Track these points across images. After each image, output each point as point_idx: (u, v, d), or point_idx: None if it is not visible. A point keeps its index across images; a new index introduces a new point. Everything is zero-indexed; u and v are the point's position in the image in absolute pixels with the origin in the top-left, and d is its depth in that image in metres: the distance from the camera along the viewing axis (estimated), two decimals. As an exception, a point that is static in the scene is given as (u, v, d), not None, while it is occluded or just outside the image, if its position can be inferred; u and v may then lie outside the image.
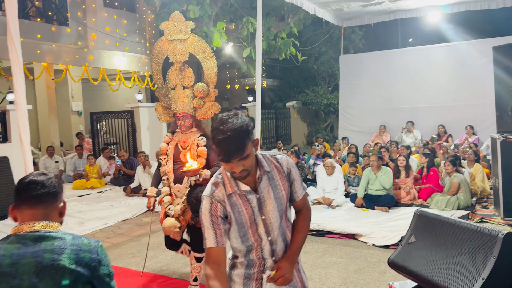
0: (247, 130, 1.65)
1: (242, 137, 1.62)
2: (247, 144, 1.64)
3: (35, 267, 1.40)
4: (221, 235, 1.74)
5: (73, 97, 13.76)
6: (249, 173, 1.72)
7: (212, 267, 1.72)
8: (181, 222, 3.58)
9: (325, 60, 16.04)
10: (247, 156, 1.65)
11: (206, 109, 3.73)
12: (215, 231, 1.73)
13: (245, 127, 1.64)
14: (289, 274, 1.80)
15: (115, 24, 11.45)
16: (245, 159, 1.66)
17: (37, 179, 1.53)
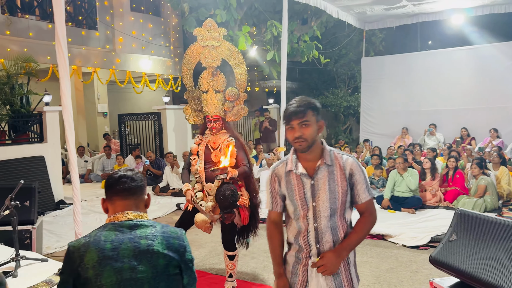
0: (315, 106, 1.94)
1: (307, 106, 1.91)
2: (309, 113, 1.90)
3: (133, 251, 1.59)
4: (276, 202, 2.08)
5: (98, 99, 14.14)
6: (309, 148, 1.91)
7: (270, 226, 2.16)
8: (211, 218, 3.73)
9: (345, 63, 16.09)
10: (307, 124, 1.89)
11: (236, 112, 3.94)
12: (272, 197, 2.08)
13: (314, 103, 1.94)
14: (331, 266, 1.91)
15: (141, 28, 11.75)
16: (305, 127, 1.89)
17: (127, 174, 1.73)
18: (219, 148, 3.75)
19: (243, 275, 4.34)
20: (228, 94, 3.88)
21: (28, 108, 7.25)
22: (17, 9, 8.88)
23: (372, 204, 2.02)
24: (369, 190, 1.99)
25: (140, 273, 1.57)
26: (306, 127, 1.89)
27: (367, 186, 1.97)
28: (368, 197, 1.97)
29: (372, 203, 2.03)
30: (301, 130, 1.89)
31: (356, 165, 1.98)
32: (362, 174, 1.98)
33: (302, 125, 1.89)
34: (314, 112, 1.92)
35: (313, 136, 1.91)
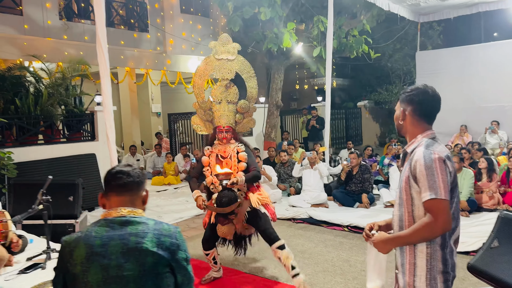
0: (409, 97, 1.99)
1: (404, 97, 2.02)
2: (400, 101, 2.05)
3: (121, 248, 1.55)
4: None
5: (152, 99, 14.65)
6: (400, 129, 2.05)
7: None
8: (235, 225, 3.78)
9: (399, 58, 15.40)
10: (398, 110, 2.04)
11: (245, 123, 4.09)
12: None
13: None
14: (377, 245, 1.96)
15: (191, 29, 12.01)
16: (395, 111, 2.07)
17: (124, 169, 1.70)
18: (229, 156, 3.82)
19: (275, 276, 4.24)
20: (240, 106, 4.02)
21: (80, 108, 7.63)
22: (73, 14, 9.40)
23: (435, 207, 1.76)
24: (430, 191, 1.76)
25: (127, 271, 1.53)
26: (396, 112, 2.08)
27: (427, 187, 1.77)
28: (427, 198, 1.77)
29: (434, 204, 1.76)
30: (396, 111, 2.09)
31: (422, 162, 1.82)
32: (425, 174, 1.79)
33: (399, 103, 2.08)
34: (406, 102, 2.01)
35: (400, 119, 2.04)
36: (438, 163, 1.78)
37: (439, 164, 1.78)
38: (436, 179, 1.76)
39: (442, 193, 1.75)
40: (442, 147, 1.88)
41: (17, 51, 8.48)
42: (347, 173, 6.96)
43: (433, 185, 1.76)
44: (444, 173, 1.77)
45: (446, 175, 1.78)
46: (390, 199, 6.62)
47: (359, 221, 5.76)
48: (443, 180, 1.76)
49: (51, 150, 7.03)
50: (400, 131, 2.06)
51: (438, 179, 1.76)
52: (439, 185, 1.75)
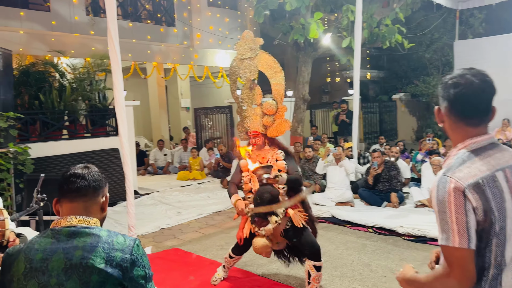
0: (444, 89, 1.48)
1: (439, 89, 1.52)
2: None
3: (64, 264, 1.36)
4: None
5: (182, 94, 14.66)
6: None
7: None
8: (271, 241, 3.47)
9: (438, 48, 14.60)
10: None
11: (277, 126, 3.62)
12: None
13: None
14: (401, 283, 1.56)
15: (218, 23, 11.85)
16: None
17: (79, 172, 1.50)
18: (268, 163, 3.51)
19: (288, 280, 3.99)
20: (265, 108, 3.61)
21: (104, 103, 7.64)
22: (100, 9, 9.45)
23: (448, 255, 1.34)
24: (443, 232, 1.34)
25: None
26: None
27: (441, 226, 1.35)
28: (439, 241, 1.36)
29: (447, 253, 1.33)
30: None
31: (434, 190, 1.38)
32: (436, 206, 1.37)
33: None
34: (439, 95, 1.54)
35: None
36: (453, 197, 1.31)
37: (455, 198, 1.31)
38: (447, 220, 1.32)
39: (455, 239, 1.30)
40: (474, 169, 1.35)
41: (46, 47, 8.61)
42: (374, 174, 6.55)
43: (445, 227, 1.33)
44: (461, 211, 1.29)
45: (465, 214, 1.29)
46: (421, 198, 6.20)
47: (385, 221, 5.40)
48: (457, 222, 1.30)
49: (74, 145, 7.08)
50: (447, 135, 1.55)
51: (451, 220, 1.31)
52: (452, 228, 1.31)
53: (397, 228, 5.17)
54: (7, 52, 5.42)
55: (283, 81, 3.68)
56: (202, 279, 4.07)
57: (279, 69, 3.67)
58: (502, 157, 1.41)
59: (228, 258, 3.89)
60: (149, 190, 8.36)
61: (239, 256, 3.88)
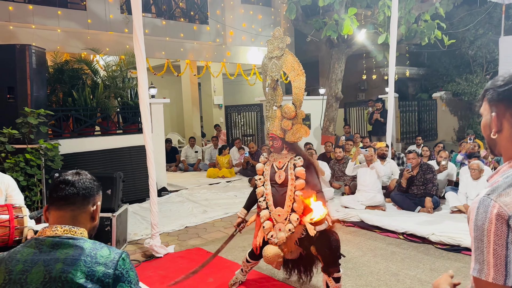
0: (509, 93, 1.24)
1: (497, 94, 1.27)
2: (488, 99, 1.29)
3: (43, 277, 1.28)
4: None
5: (214, 91, 14.71)
6: (494, 146, 1.31)
7: None
8: (283, 251, 3.35)
9: (482, 44, 13.81)
10: (487, 115, 1.30)
11: (295, 131, 3.46)
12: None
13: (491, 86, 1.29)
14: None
15: (251, 20, 11.76)
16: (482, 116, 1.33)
17: (68, 178, 1.43)
18: (284, 167, 3.38)
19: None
20: (283, 111, 3.47)
21: (136, 100, 7.73)
22: (134, 8, 9.56)
23: (479, 287, 1.16)
24: (477, 262, 1.15)
25: None
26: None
27: (476, 256, 1.16)
28: (471, 271, 1.18)
29: (480, 286, 1.16)
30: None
31: (473, 213, 1.18)
32: (473, 232, 1.18)
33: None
34: (488, 98, 1.27)
35: (484, 133, 1.31)
36: (494, 225, 1.11)
37: (496, 227, 1.11)
38: (484, 250, 1.13)
39: (490, 273, 1.11)
40: None
41: (82, 44, 8.83)
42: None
43: (480, 257, 1.14)
44: (501, 243, 1.10)
45: (505, 247, 1.10)
46: (458, 204, 5.85)
47: (417, 228, 5.11)
48: (495, 254, 1.10)
49: (106, 142, 7.20)
50: (493, 148, 1.31)
51: (488, 251, 1.12)
52: (488, 260, 1.12)
53: (429, 235, 4.88)
54: (40, 50, 5.56)
55: (303, 84, 3.51)
56: (221, 281, 4.00)
57: (301, 71, 3.50)
58: None
59: (246, 262, 3.79)
60: (178, 187, 8.41)
61: (256, 261, 3.77)
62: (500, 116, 1.23)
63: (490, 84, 1.27)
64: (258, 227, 3.54)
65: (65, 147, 6.29)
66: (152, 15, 10.11)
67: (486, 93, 1.27)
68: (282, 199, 3.35)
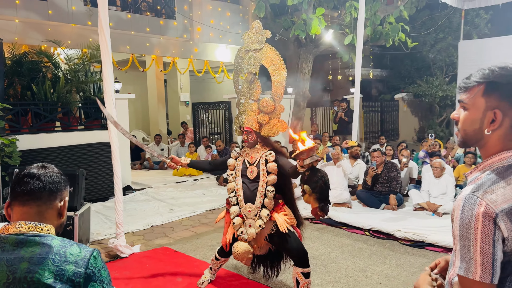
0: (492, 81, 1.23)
1: (480, 77, 1.27)
2: (473, 91, 1.27)
3: (6, 278, 1.18)
4: None
5: (181, 88, 14.49)
6: (475, 140, 1.29)
7: None
8: (253, 247, 3.31)
9: (442, 48, 14.38)
10: (464, 106, 1.29)
11: (272, 126, 3.41)
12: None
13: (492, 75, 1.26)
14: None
15: (219, 17, 11.65)
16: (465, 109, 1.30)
17: (34, 171, 1.33)
18: (256, 163, 3.31)
19: (279, 285, 3.83)
20: (261, 105, 3.41)
21: (99, 95, 7.46)
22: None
23: (465, 286, 1.16)
24: (464, 261, 1.15)
25: None
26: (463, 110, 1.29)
27: (461, 254, 1.15)
28: (457, 270, 1.17)
29: (465, 285, 1.15)
30: (458, 111, 1.32)
31: (458, 211, 1.18)
32: (458, 230, 1.17)
33: (460, 106, 1.30)
34: (486, 91, 1.23)
35: (467, 126, 1.27)
36: (481, 223, 1.11)
37: (483, 225, 1.10)
38: (470, 248, 1.12)
39: (477, 272, 1.11)
40: (510, 191, 1.14)
41: (42, 36, 8.44)
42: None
43: (466, 255, 1.14)
44: (488, 240, 1.10)
45: (492, 245, 1.10)
46: (420, 201, 6.03)
47: (383, 225, 5.22)
48: (482, 252, 1.10)
49: (67, 138, 6.91)
50: (471, 141, 1.28)
51: (475, 249, 1.11)
52: (475, 258, 1.12)
53: (394, 232, 5.00)
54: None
55: (284, 79, 3.45)
56: (189, 281, 3.92)
57: (282, 66, 3.44)
58: None
59: (215, 260, 3.73)
60: (143, 185, 8.21)
61: (225, 259, 3.72)
62: (497, 111, 1.20)
63: (495, 77, 1.22)
64: (228, 224, 3.49)
65: (24, 143, 5.99)
66: (117, 8, 9.80)
67: (483, 87, 1.23)
68: (252, 195, 3.31)
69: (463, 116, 1.28)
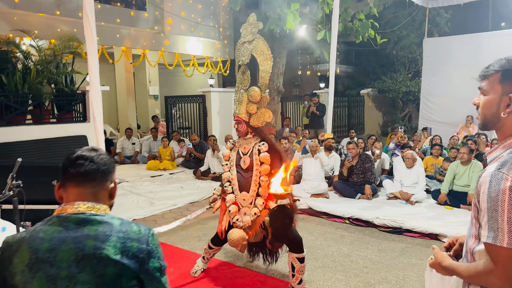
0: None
1: (496, 66, 1.44)
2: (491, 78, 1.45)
3: (75, 255, 1.23)
4: None
5: (150, 81, 14.26)
6: (493, 123, 1.45)
7: None
8: (248, 234, 3.39)
9: (405, 45, 14.95)
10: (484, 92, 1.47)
11: (259, 115, 3.49)
12: None
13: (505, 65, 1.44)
14: (434, 266, 1.56)
15: (191, 9, 11.55)
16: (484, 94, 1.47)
17: (86, 154, 1.36)
18: (249, 153, 3.41)
19: (270, 271, 3.95)
20: (249, 95, 3.50)
21: (72, 87, 7.26)
22: (67, -11, 8.95)
23: (493, 253, 1.29)
24: (492, 230, 1.28)
25: (80, 284, 1.21)
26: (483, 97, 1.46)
27: (489, 224, 1.29)
28: (484, 239, 1.31)
29: (493, 251, 1.29)
30: (478, 98, 1.48)
31: (486, 185, 1.32)
32: (486, 203, 1.30)
33: (480, 93, 1.47)
34: (503, 78, 1.39)
35: (486, 110, 1.44)
36: (508, 196, 1.24)
37: (509, 197, 1.24)
38: (499, 218, 1.26)
39: (504, 239, 1.25)
40: None
41: (7, 26, 8.06)
42: (348, 166, 6.64)
43: (494, 225, 1.27)
44: None
45: None
46: (394, 191, 6.32)
47: (361, 213, 5.46)
48: (509, 221, 1.24)
49: (39, 131, 6.69)
50: (490, 124, 1.45)
51: (503, 219, 1.25)
52: (502, 228, 1.25)
53: (373, 219, 5.24)
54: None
55: (270, 69, 3.54)
56: (181, 270, 3.96)
57: (269, 56, 3.53)
58: None
59: (208, 249, 3.80)
60: (117, 179, 8.04)
61: (219, 247, 3.79)
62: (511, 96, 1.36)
63: (504, 62, 1.39)
64: (223, 212, 3.56)
65: (-7, 136, 5.76)
66: None
67: (499, 71, 1.39)
68: (247, 184, 3.39)
69: (483, 101, 1.44)
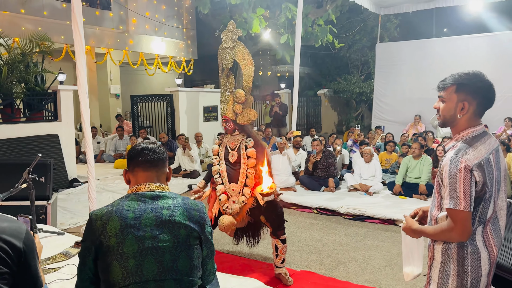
0: (477, 89, 1.84)
1: (451, 80, 1.90)
2: (449, 89, 1.90)
3: (155, 221, 1.62)
4: None
5: (111, 80, 14.18)
6: (451, 123, 1.90)
7: None
8: (236, 219, 3.79)
9: (358, 48, 15.91)
10: (443, 100, 1.92)
11: (245, 114, 3.89)
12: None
13: (462, 80, 1.87)
14: (406, 231, 2.02)
15: (155, 9, 11.70)
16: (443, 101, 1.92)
17: (149, 146, 1.76)
18: (237, 148, 3.82)
19: (253, 255, 4.38)
20: (235, 96, 3.88)
21: (42, 86, 7.29)
22: (31, -13, 8.86)
23: (453, 216, 1.75)
24: (452, 199, 1.74)
25: (162, 242, 1.60)
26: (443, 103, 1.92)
27: (450, 195, 1.75)
28: (447, 205, 1.77)
29: (453, 214, 1.75)
30: (438, 103, 1.94)
31: (447, 167, 1.78)
32: (448, 179, 1.76)
33: (440, 100, 1.93)
34: (457, 89, 1.85)
35: (446, 113, 1.90)
36: (463, 173, 1.72)
37: (464, 174, 1.72)
38: (457, 190, 1.73)
39: (461, 204, 1.72)
40: (477, 152, 1.77)
41: (-31, 23, 7.90)
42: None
43: (454, 195, 1.73)
44: (467, 183, 1.72)
45: (470, 186, 1.72)
46: (354, 183, 6.95)
47: (327, 203, 6.03)
48: (464, 191, 1.72)
49: (10, 130, 6.69)
50: (448, 123, 1.92)
51: (460, 190, 1.72)
52: (459, 196, 1.72)
53: (338, 208, 5.82)
54: None
55: (252, 72, 3.93)
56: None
57: (250, 61, 3.93)
58: (491, 142, 1.84)
59: None
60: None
61: None
62: (465, 103, 1.84)
63: (458, 76, 1.86)
64: (213, 200, 3.95)
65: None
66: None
67: (455, 83, 1.86)
68: (236, 176, 3.81)
69: (443, 106, 1.94)
